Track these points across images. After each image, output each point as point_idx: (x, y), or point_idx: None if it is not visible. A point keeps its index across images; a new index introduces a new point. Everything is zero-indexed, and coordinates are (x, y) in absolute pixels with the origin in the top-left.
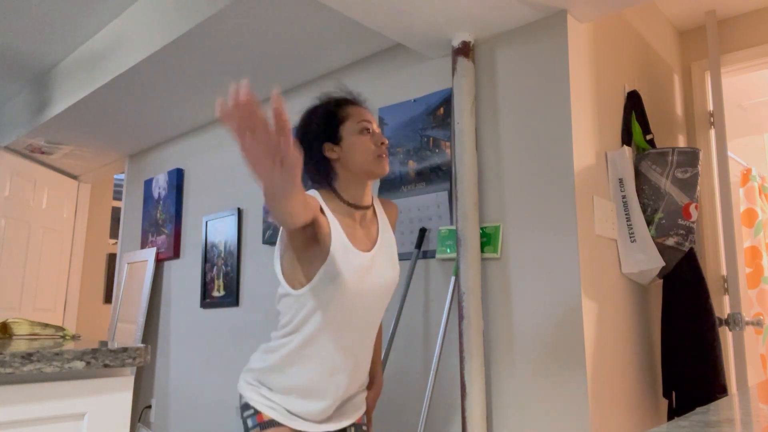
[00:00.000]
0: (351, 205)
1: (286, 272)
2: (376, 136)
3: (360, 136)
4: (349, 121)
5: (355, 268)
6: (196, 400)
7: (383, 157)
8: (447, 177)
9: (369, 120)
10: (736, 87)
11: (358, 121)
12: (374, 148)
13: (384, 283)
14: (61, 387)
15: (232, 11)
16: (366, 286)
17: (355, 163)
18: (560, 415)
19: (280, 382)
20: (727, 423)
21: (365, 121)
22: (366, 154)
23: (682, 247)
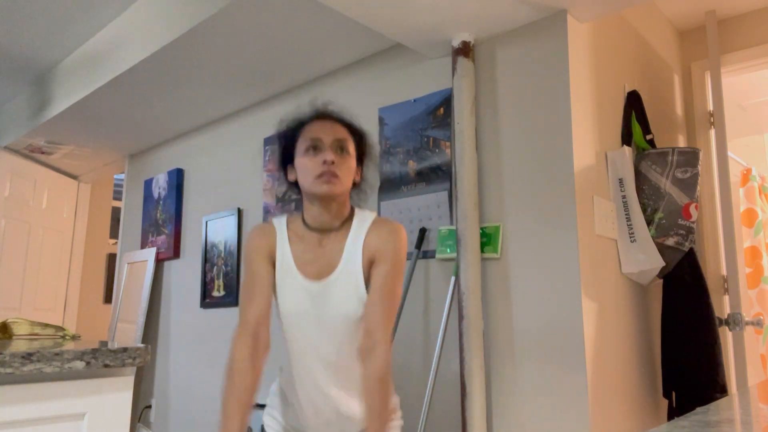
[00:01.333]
0: (309, 227)
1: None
2: (320, 154)
3: (302, 157)
4: (299, 141)
5: (303, 296)
6: (196, 400)
7: (323, 176)
8: (447, 177)
9: (318, 136)
10: (736, 87)
11: (305, 139)
12: (312, 168)
13: (337, 316)
14: (61, 387)
15: (231, 11)
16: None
17: (303, 185)
18: (560, 414)
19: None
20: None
21: (312, 138)
22: (307, 175)
23: (682, 247)
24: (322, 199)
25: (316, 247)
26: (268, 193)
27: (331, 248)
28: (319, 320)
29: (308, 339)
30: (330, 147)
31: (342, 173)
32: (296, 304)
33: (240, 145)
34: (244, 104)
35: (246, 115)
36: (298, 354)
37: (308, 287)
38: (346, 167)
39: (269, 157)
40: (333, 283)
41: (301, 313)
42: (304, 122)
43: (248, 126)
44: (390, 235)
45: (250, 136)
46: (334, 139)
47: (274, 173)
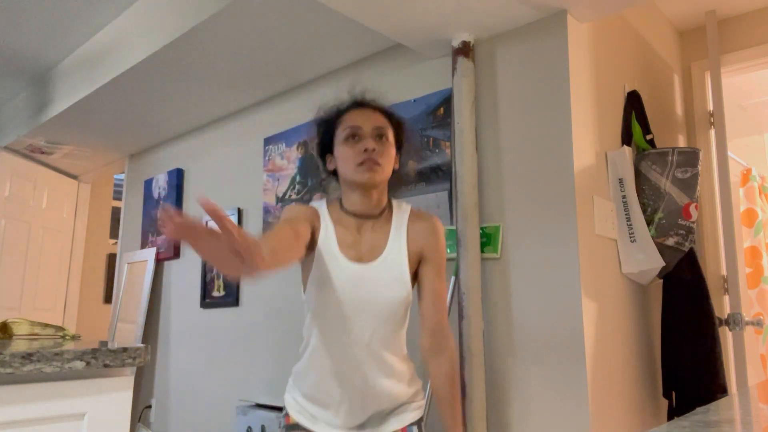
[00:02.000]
0: (350, 213)
1: (302, 276)
2: (362, 141)
3: (342, 145)
4: (338, 130)
5: (344, 277)
6: (196, 400)
7: (364, 164)
8: (447, 177)
9: (357, 124)
10: (736, 87)
11: (345, 128)
12: (353, 156)
13: (381, 301)
14: (61, 387)
15: (231, 11)
16: (357, 299)
17: (343, 174)
18: (560, 414)
19: (303, 386)
20: (727, 423)
21: (351, 126)
22: (348, 163)
23: (682, 247)
24: (363, 187)
25: (355, 233)
26: (268, 193)
27: (372, 235)
28: (358, 302)
29: (343, 320)
30: (370, 135)
31: (383, 161)
32: (338, 285)
33: (240, 145)
34: (244, 104)
35: (246, 115)
36: (331, 331)
37: (350, 268)
38: (387, 155)
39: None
40: (377, 267)
41: (341, 294)
42: (342, 111)
43: (248, 126)
44: (436, 232)
45: (250, 136)
46: (374, 126)
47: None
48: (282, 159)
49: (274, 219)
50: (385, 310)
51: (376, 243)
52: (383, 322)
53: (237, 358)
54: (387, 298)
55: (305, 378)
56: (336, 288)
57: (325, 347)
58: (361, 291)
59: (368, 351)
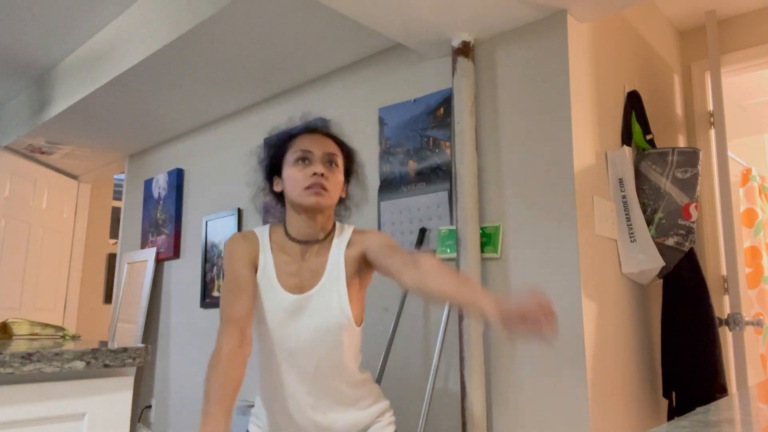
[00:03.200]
0: (293, 239)
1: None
2: (309, 166)
3: (291, 168)
4: (289, 152)
5: (281, 309)
6: (196, 400)
7: (311, 188)
8: (447, 177)
9: (308, 149)
10: (736, 87)
11: (295, 151)
12: (302, 179)
13: (322, 329)
14: (61, 387)
15: (231, 11)
16: (298, 331)
17: (289, 196)
18: (560, 415)
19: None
20: (727, 423)
21: (302, 150)
22: (295, 186)
23: (682, 247)
24: (309, 211)
25: (299, 260)
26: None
27: (314, 260)
28: (297, 333)
29: (285, 352)
30: (320, 160)
31: (330, 186)
32: (275, 317)
33: (240, 145)
34: (244, 104)
35: (246, 115)
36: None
37: (288, 300)
38: (335, 181)
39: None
40: (315, 295)
41: (279, 326)
42: (294, 134)
43: (248, 126)
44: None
45: (250, 136)
46: (324, 152)
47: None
48: None
49: (273, 219)
50: (326, 338)
51: (318, 269)
52: (327, 352)
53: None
54: (327, 325)
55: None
56: (275, 321)
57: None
58: (300, 322)
59: (316, 383)
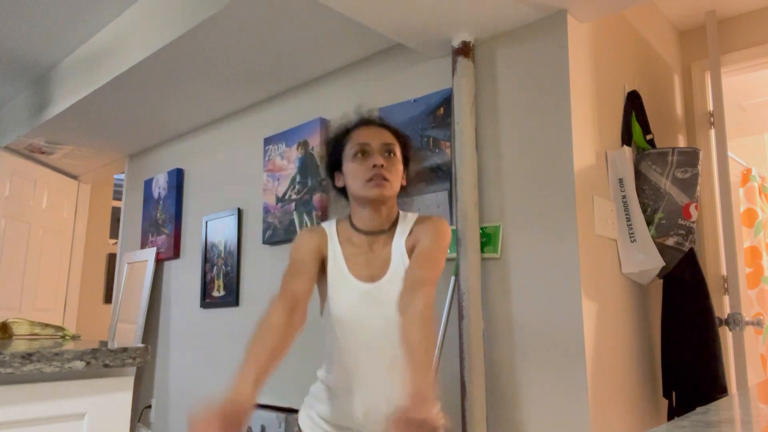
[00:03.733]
0: (359, 230)
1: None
2: (371, 158)
3: (351, 162)
4: (347, 147)
5: (356, 299)
6: (196, 400)
7: (372, 180)
8: (447, 177)
9: (366, 141)
10: (736, 87)
11: (353, 145)
12: (362, 172)
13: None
14: (61, 387)
15: (231, 11)
16: (373, 321)
17: (352, 190)
18: (560, 414)
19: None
20: (727, 423)
21: (360, 143)
22: (356, 179)
23: (682, 247)
24: (372, 203)
25: (367, 250)
26: (268, 193)
27: (382, 250)
28: (373, 322)
29: (362, 341)
30: (378, 151)
31: (391, 176)
32: (350, 307)
33: (240, 145)
34: (244, 104)
35: (246, 115)
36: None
37: (362, 289)
38: (395, 170)
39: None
40: (386, 284)
41: (355, 316)
42: (350, 129)
43: (248, 126)
44: (431, 224)
45: (250, 136)
46: (382, 143)
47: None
48: (282, 159)
49: (273, 219)
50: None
51: (386, 258)
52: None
53: (237, 358)
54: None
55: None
56: (350, 310)
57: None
58: (376, 310)
59: (390, 375)
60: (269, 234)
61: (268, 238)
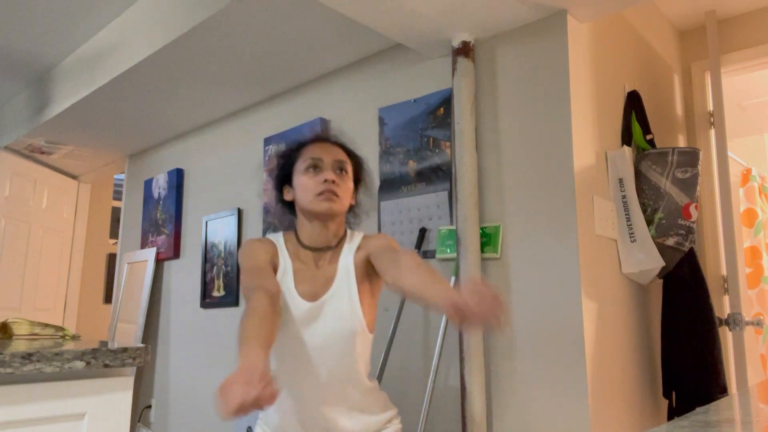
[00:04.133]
0: (306, 246)
1: None
2: (320, 174)
3: (302, 175)
4: (299, 161)
5: (298, 315)
6: (196, 400)
7: (323, 194)
8: (447, 177)
9: (319, 156)
10: (736, 87)
11: (305, 159)
12: (313, 186)
13: (335, 335)
14: (61, 387)
15: (231, 11)
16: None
17: (300, 203)
18: (560, 414)
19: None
20: (727, 423)
21: (312, 158)
22: (307, 193)
23: (682, 247)
24: (321, 218)
25: (313, 267)
26: (268, 193)
27: (328, 267)
28: (311, 339)
29: (299, 358)
30: (330, 167)
31: (341, 192)
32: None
33: (240, 145)
34: (244, 104)
35: (246, 115)
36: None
37: (304, 307)
38: (345, 187)
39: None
40: (327, 301)
41: (294, 333)
42: (303, 143)
43: (248, 126)
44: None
45: (250, 136)
46: (334, 159)
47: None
48: None
49: (274, 219)
50: (339, 344)
51: (330, 275)
52: (340, 357)
53: (237, 358)
54: (340, 331)
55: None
56: (292, 327)
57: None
58: (314, 328)
59: (328, 389)
60: (269, 234)
61: None
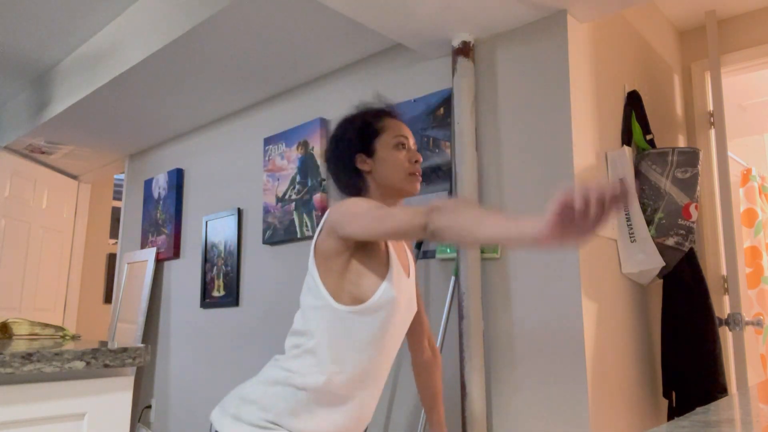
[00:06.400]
0: None
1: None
2: (411, 152)
3: (394, 151)
4: (385, 134)
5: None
6: (196, 401)
7: (415, 175)
8: (447, 177)
9: (406, 135)
10: (736, 87)
11: (395, 135)
12: (407, 165)
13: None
14: (61, 387)
15: (231, 11)
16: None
17: (386, 179)
18: (560, 415)
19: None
20: (727, 423)
21: (402, 135)
22: (398, 170)
23: (682, 247)
24: (403, 195)
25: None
26: (268, 193)
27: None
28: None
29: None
30: (414, 148)
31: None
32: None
33: (240, 145)
34: (244, 104)
35: (246, 115)
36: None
37: (404, 281)
38: None
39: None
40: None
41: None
42: (382, 114)
43: (248, 126)
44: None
45: (250, 136)
46: (414, 142)
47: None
48: (282, 159)
49: (273, 219)
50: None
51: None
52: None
53: (237, 358)
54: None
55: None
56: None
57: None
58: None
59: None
60: (269, 234)
61: (268, 238)
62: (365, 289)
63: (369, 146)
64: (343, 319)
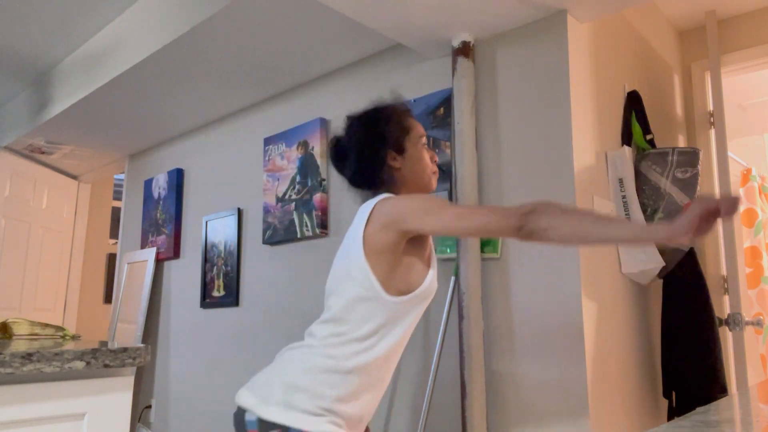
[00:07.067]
0: None
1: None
2: (430, 151)
3: (422, 149)
4: (413, 133)
5: (433, 280)
6: (196, 401)
7: (436, 173)
8: (447, 177)
9: (425, 134)
10: (736, 87)
11: (420, 134)
12: (431, 164)
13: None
14: (61, 387)
15: (231, 11)
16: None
17: (415, 176)
18: (560, 414)
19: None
20: (727, 423)
21: (424, 135)
22: (424, 168)
23: (682, 247)
24: (421, 191)
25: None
26: (268, 193)
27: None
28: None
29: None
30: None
31: None
32: (431, 292)
33: (240, 145)
34: (244, 104)
35: (246, 115)
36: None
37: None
38: None
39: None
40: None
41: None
42: (407, 113)
43: (248, 126)
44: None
45: (250, 136)
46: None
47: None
48: (282, 159)
49: (273, 219)
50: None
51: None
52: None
53: (237, 358)
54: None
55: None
56: (431, 295)
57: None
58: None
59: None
60: (269, 234)
61: (268, 238)
62: (414, 278)
63: (401, 144)
64: (392, 310)
